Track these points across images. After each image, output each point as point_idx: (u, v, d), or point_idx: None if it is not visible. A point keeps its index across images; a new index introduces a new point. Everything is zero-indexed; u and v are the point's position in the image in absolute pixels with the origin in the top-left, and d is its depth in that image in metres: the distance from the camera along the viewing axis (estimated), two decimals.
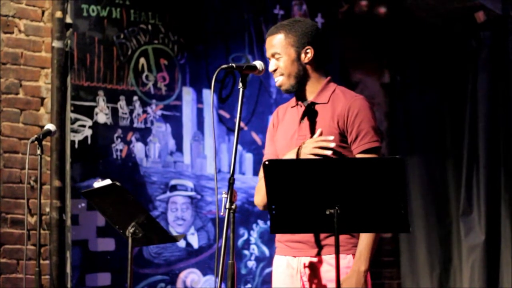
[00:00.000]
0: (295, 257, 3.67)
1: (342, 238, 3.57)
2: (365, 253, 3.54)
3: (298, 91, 3.75)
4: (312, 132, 3.66)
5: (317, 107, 3.70)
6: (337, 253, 3.20)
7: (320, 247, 3.61)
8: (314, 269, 3.62)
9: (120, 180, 4.10)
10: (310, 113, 3.70)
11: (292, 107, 3.80)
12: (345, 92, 3.74)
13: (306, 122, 3.69)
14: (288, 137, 3.74)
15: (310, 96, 3.73)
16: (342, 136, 3.64)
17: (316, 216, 3.22)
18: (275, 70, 3.74)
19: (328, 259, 3.58)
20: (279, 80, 3.74)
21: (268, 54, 3.77)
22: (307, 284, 3.63)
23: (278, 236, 3.77)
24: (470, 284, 6.64)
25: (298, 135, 3.69)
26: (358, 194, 3.18)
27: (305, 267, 3.63)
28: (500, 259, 6.52)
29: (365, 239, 3.55)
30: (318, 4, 6.87)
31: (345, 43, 6.99)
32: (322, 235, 3.60)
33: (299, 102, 3.75)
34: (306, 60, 3.73)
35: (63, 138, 5.70)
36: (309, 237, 3.63)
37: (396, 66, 7.31)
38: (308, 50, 3.73)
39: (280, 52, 3.72)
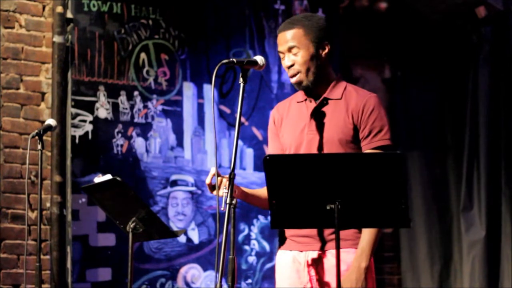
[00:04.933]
0: (301, 251, 3.66)
1: (351, 232, 3.57)
2: (366, 250, 3.53)
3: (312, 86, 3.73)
4: (323, 127, 3.64)
5: (330, 102, 3.68)
6: (338, 248, 3.20)
7: (326, 241, 3.61)
8: (321, 264, 3.61)
9: (120, 175, 4.10)
10: (323, 109, 3.68)
11: (299, 102, 3.77)
12: (358, 90, 3.73)
13: (318, 118, 3.67)
14: (297, 132, 3.71)
15: (322, 92, 3.70)
16: (355, 132, 3.64)
17: (316, 211, 3.22)
18: (291, 66, 3.68)
19: (335, 253, 3.56)
20: (297, 77, 3.67)
21: (282, 48, 3.69)
22: (314, 279, 3.62)
23: (282, 232, 3.77)
24: (470, 279, 6.64)
25: (309, 129, 3.67)
26: (358, 189, 3.18)
27: (312, 261, 3.63)
28: (501, 254, 6.52)
29: (367, 235, 3.54)
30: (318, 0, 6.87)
31: (346, 39, 6.98)
32: (328, 229, 3.60)
33: (308, 97, 3.73)
34: (323, 55, 3.70)
35: (64, 133, 5.70)
36: (316, 231, 3.62)
37: (396, 62, 7.31)
38: (325, 46, 3.69)
39: (299, 46, 3.66)
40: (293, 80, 3.70)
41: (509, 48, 6.53)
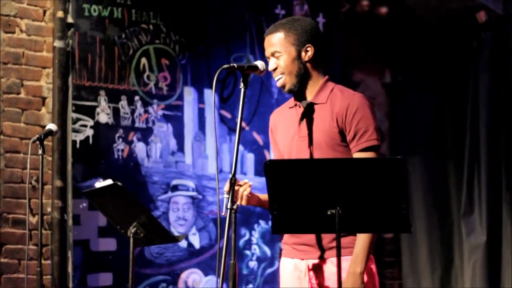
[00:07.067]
0: (302, 259, 3.66)
1: (349, 240, 3.55)
2: (361, 255, 3.51)
3: (298, 90, 3.73)
4: (312, 132, 3.65)
5: (316, 107, 3.67)
6: (338, 254, 3.20)
7: (326, 249, 3.59)
8: (321, 272, 3.60)
9: (121, 180, 4.10)
10: (309, 114, 3.68)
11: (291, 107, 3.77)
12: (343, 91, 3.70)
13: (306, 123, 3.67)
14: (289, 138, 3.72)
15: (309, 96, 3.70)
16: (342, 135, 3.62)
17: (317, 216, 3.22)
18: (275, 69, 3.69)
19: (335, 261, 3.55)
20: (281, 80, 3.69)
21: (267, 53, 3.72)
22: (315, 286, 3.62)
23: (284, 239, 3.76)
24: (471, 284, 6.64)
25: (299, 136, 3.68)
26: (359, 194, 3.18)
27: (313, 269, 3.62)
28: (502, 259, 6.52)
29: (361, 241, 3.52)
30: (320, 4, 6.87)
31: (346, 43, 6.99)
32: (328, 237, 3.58)
33: (298, 103, 3.73)
34: (306, 58, 3.69)
35: (65, 138, 5.70)
36: (316, 239, 3.61)
37: (397, 66, 7.31)
38: (308, 48, 3.69)
39: (280, 51, 3.67)
40: (277, 84, 3.73)
41: (509, 52, 6.54)
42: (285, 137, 3.74)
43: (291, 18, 3.80)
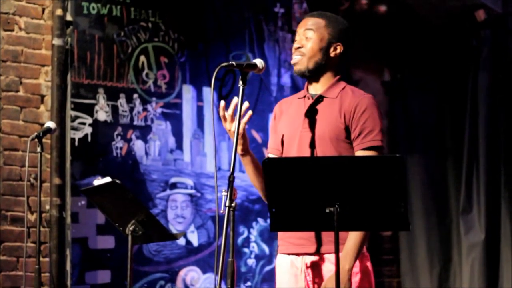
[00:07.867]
0: (298, 255, 3.65)
1: (344, 235, 3.53)
2: (350, 252, 3.51)
3: (310, 81, 3.74)
4: (316, 125, 3.65)
5: (325, 100, 3.70)
6: (337, 252, 3.20)
7: (323, 244, 3.60)
8: (317, 268, 3.60)
9: (120, 178, 4.10)
10: (318, 106, 3.69)
11: (300, 98, 3.79)
12: (355, 91, 3.74)
13: (312, 115, 3.68)
14: (293, 128, 3.72)
15: (320, 90, 3.73)
16: (347, 132, 3.64)
17: (316, 214, 3.22)
18: (298, 48, 3.72)
19: (332, 257, 3.55)
20: (298, 58, 3.71)
21: (300, 30, 3.76)
22: (311, 284, 3.62)
23: (280, 235, 3.76)
24: (470, 282, 6.64)
25: (303, 127, 3.68)
26: (358, 192, 3.18)
27: (309, 266, 3.62)
28: (500, 257, 6.53)
29: (352, 238, 3.53)
30: (318, 2, 6.86)
31: None
32: (325, 232, 3.59)
33: (307, 94, 3.74)
34: (332, 55, 3.73)
35: (63, 135, 5.70)
36: (312, 233, 3.61)
37: (396, 65, 7.31)
38: (337, 47, 3.75)
39: (315, 31, 3.73)
40: (292, 60, 3.74)
41: (508, 51, 6.55)
42: (290, 126, 3.74)
43: (335, 15, 3.88)
